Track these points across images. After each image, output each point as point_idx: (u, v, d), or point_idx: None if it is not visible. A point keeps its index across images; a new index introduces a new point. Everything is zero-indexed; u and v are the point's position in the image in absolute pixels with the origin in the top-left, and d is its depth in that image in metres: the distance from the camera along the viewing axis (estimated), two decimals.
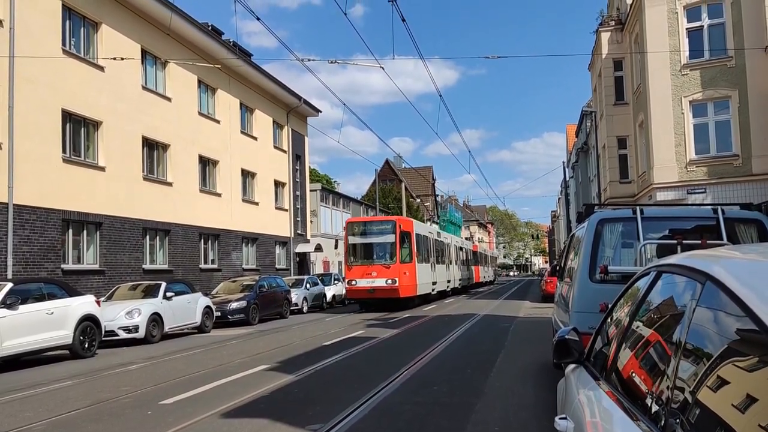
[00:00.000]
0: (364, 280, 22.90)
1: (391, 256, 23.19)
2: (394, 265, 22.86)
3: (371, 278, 22.73)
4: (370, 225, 24.47)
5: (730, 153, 19.02)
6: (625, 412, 1.97)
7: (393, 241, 23.22)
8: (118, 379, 9.70)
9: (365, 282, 22.84)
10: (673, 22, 19.81)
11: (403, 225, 23.93)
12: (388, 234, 23.43)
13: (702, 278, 1.76)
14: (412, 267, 23.72)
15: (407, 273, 23.22)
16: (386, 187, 57.79)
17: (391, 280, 22.57)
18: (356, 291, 23.46)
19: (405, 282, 22.95)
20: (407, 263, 23.40)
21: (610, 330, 2.88)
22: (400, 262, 22.97)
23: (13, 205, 15.32)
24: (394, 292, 22.61)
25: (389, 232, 23.39)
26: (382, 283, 22.59)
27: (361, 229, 24.23)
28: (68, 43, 18.03)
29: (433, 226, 42.50)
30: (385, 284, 22.56)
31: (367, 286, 22.80)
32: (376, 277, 22.67)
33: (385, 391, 7.76)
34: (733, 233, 6.52)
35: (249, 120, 29.29)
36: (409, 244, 23.76)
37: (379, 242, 23.60)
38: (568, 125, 59.56)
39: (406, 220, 25.51)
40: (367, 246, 23.95)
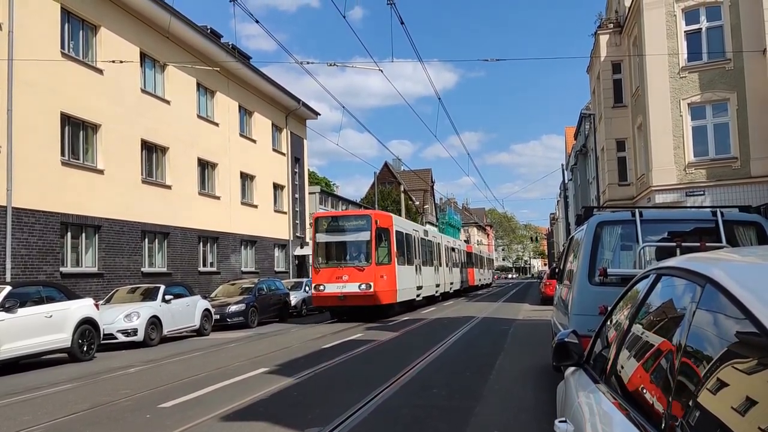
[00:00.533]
0: (333, 284, 19.60)
1: (365, 256, 20.04)
2: (369, 268, 19.65)
3: (342, 283, 19.52)
4: (341, 220, 21.20)
5: (729, 155, 19.04)
6: (624, 415, 1.97)
7: (368, 239, 20.01)
8: (116, 382, 9.68)
9: (335, 287, 19.55)
10: (672, 25, 19.85)
11: (381, 220, 20.66)
12: (362, 231, 20.23)
13: (702, 281, 1.76)
14: (391, 269, 20.59)
15: (385, 276, 20.11)
16: (385, 190, 57.82)
17: (365, 284, 19.40)
18: (324, 298, 20.04)
19: (382, 287, 19.84)
20: (385, 265, 20.33)
21: (609, 333, 2.87)
22: (377, 263, 19.86)
23: (11, 208, 15.31)
24: (368, 299, 19.56)
25: (363, 229, 20.22)
26: (354, 288, 19.42)
27: (331, 225, 20.93)
28: (67, 46, 18.03)
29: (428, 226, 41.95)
30: (358, 290, 19.41)
31: (336, 292, 19.55)
32: (348, 282, 19.49)
33: (384, 394, 7.75)
34: (732, 236, 6.52)
35: (248, 123, 29.30)
36: (387, 242, 20.68)
37: (352, 240, 20.42)
38: (567, 128, 59.62)
39: (383, 214, 22.13)
40: (337, 245, 20.77)
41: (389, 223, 21.18)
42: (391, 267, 20.71)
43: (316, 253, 20.59)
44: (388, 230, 20.86)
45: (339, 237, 20.69)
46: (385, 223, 20.96)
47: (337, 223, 21.00)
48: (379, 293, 19.67)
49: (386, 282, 20.20)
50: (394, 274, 20.85)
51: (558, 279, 9.82)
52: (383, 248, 20.57)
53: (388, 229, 20.88)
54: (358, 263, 19.94)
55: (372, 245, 19.93)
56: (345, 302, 19.69)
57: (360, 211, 25.46)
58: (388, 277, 20.34)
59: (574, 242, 8.49)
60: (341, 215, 22.64)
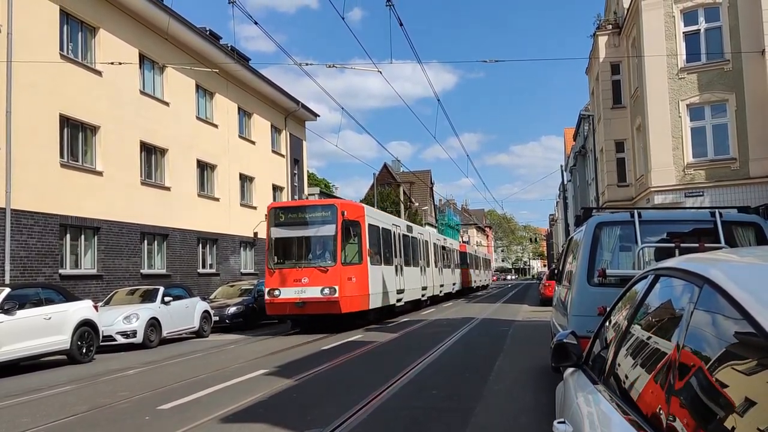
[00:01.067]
0: (290, 289, 16.40)
1: (330, 255, 16.91)
2: (335, 268, 16.52)
3: (301, 286, 16.39)
4: (301, 211, 17.83)
5: (728, 156, 19.06)
6: (623, 415, 1.97)
7: (333, 233, 16.85)
8: (115, 384, 9.67)
9: (292, 292, 16.38)
10: (670, 26, 19.87)
11: (349, 211, 17.43)
12: (325, 224, 17.05)
13: (700, 281, 1.76)
14: (361, 270, 17.45)
15: (354, 279, 16.99)
16: (384, 191, 57.82)
17: (328, 288, 16.23)
18: (279, 305, 16.73)
19: (350, 291, 16.74)
20: (355, 265, 17.23)
21: (608, 333, 2.87)
22: (344, 263, 16.76)
23: (10, 210, 15.30)
24: (332, 306, 16.30)
25: (327, 222, 17.02)
26: (315, 293, 16.28)
27: (289, 217, 17.60)
28: (66, 48, 18.03)
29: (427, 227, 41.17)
30: (320, 295, 16.22)
31: (294, 297, 16.33)
32: (308, 285, 16.35)
33: (384, 396, 7.75)
34: (730, 236, 6.53)
35: (247, 124, 29.30)
36: (358, 238, 17.51)
37: (313, 235, 17.29)
38: (566, 129, 59.67)
39: (353, 204, 19.28)
40: (295, 241, 17.59)
41: (360, 214, 17.97)
42: (362, 267, 17.55)
43: (270, 250, 17.49)
44: (359, 223, 17.58)
45: (298, 231, 17.42)
46: (355, 214, 17.68)
47: (296, 215, 17.65)
48: (346, 299, 16.57)
49: (355, 285, 17.07)
50: (366, 275, 17.68)
51: (557, 280, 9.82)
52: (352, 245, 17.39)
53: (359, 221, 17.62)
54: (320, 263, 16.80)
55: (338, 241, 16.74)
56: (304, 310, 16.49)
57: (323, 201, 20.96)
58: (358, 279, 17.21)
59: (573, 243, 8.49)
60: (300, 205, 19.04)
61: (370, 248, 18.33)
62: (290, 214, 17.75)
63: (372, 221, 18.95)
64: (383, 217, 21.64)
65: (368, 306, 17.85)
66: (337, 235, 16.79)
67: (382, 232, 20.03)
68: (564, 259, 9.30)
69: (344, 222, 16.87)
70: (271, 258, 17.37)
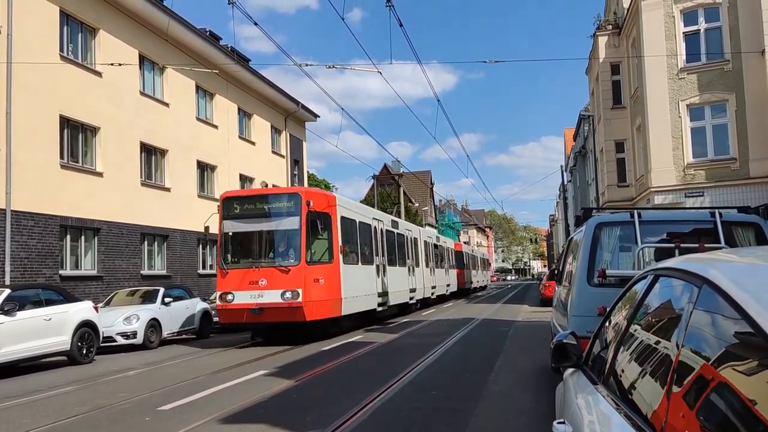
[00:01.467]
0: (245, 293, 14.09)
1: (293, 252, 14.53)
2: (298, 268, 14.11)
3: (258, 290, 14.03)
4: (258, 201, 15.32)
5: (728, 156, 19.06)
6: (623, 416, 1.97)
7: (296, 227, 14.47)
8: (116, 385, 9.67)
9: (248, 297, 14.05)
10: (670, 26, 19.88)
11: (316, 201, 14.87)
12: (287, 215, 14.70)
13: (699, 282, 1.76)
14: (331, 270, 15.14)
15: (322, 280, 14.65)
16: (385, 192, 57.81)
17: (290, 292, 13.88)
18: (233, 312, 14.22)
19: (317, 295, 14.37)
20: (323, 264, 14.94)
21: (608, 334, 2.87)
22: (310, 262, 14.40)
23: (10, 211, 15.30)
24: (295, 313, 13.93)
25: (290, 213, 14.68)
26: (275, 297, 13.92)
27: (245, 208, 15.21)
28: (66, 49, 18.04)
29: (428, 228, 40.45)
30: (280, 300, 13.86)
31: (250, 303, 13.95)
32: (267, 288, 14.00)
33: (384, 396, 7.74)
34: (730, 236, 6.53)
35: (247, 125, 29.30)
36: (328, 232, 15.19)
37: (273, 230, 15.00)
38: (566, 129, 59.70)
39: (321, 193, 16.37)
40: (252, 236, 15.24)
41: (330, 205, 15.58)
42: (333, 267, 15.19)
43: (222, 247, 15.10)
44: (329, 216, 15.29)
45: (255, 224, 15.04)
46: (324, 205, 15.28)
47: (253, 205, 15.18)
48: (312, 304, 14.16)
49: (324, 288, 14.66)
50: (338, 276, 15.32)
51: (557, 280, 9.82)
52: (321, 240, 15.06)
53: (328, 213, 15.31)
54: (281, 262, 14.43)
55: (302, 236, 14.36)
56: (262, 318, 14.05)
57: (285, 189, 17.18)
58: (327, 280, 14.82)
59: (573, 243, 8.50)
60: (258, 193, 16.08)
61: (344, 245, 16.05)
62: (246, 205, 15.19)
63: (346, 213, 16.65)
64: (361, 209, 19.26)
65: (340, 312, 15.37)
66: (302, 228, 14.39)
67: (359, 227, 17.72)
68: (564, 259, 9.30)
69: (310, 214, 14.51)
70: (224, 256, 14.99)
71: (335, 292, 15.19)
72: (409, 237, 24.47)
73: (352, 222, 17.21)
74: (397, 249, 22.22)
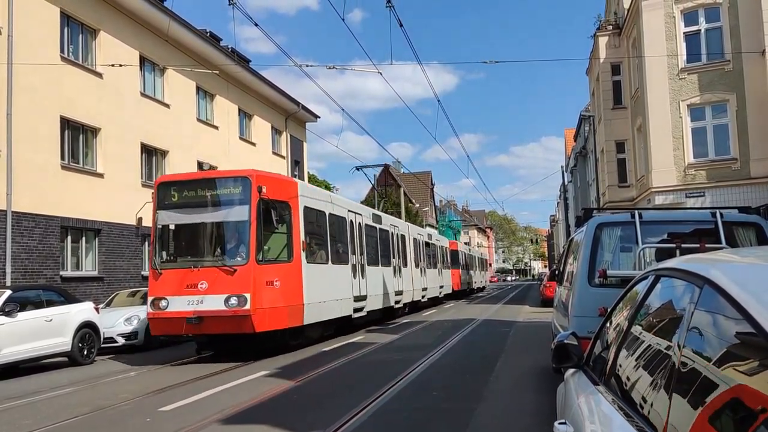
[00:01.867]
0: (182, 298, 11.58)
1: (240, 249, 12.04)
2: (246, 268, 11.61)
3: (197, 294, 11.51)
4: (199, 187, 12.53)
5: (729, 156, 19.06)
6: (624, 416, 1.96)
7: (244, 218, 11.95)
8: (117, 386, 9.67)
9: (184, 303, 11.52)
10: (671, 26, 19.88)
11: (271, 188, 12.29)
12: (233, 204, 12.20)
13: (700, 282, 1.76)
14: (291, 271, 12.60)
15: (278, 283, 12.13)
16: (385, 193, 57.76)
17: (236, 298, 11.36)
18: (167, 322, 11.74)
19: (270, 301, 11.89)
20: (280, 263, 12.45)
21: (609, 334, 2.87)
22: (261, 260, 11.87)
23: (11, 212, 15.30)
24: (242, 324, 11.44)
25: (237, 201, 12.15)
26: (217, 304, 11.36)
27: (182, 195, 12.45)
28: (66, 50, 18.05)
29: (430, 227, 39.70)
30: (223, 307, 11.34)
31: (187, 311, 11.41)
32: (207, 293, 11.48)
33: (385, 397, 7.74)
34: (731, 236, 6.53)
35: (248, 126, 29.31)
36: (287, 225, 12.71)
37: (216, 221, 12.44)
38: (567, 129, 59.71)
39: (280, 179, 13.48)
40: (191, 230, 12.76)
41: (290, 193, 12.99)
42: (293, 267, 12.68)
43: (156, 243, 12.57)
44: (288, 206, 12.77)
45: (196, 215, 12.45)
46: (282, 192, 12.71)
47: (193, 192, 12.45)
48: (264, 312, 11.64)
49: (280, 292, 12.18)
50: (299, 278, 12.80)
51: (558, 281, 9.82)
52: (278, 235, 12.58)
53: (287, 203, 12.78)
54: (226, 261, 11.86)
55: (251, 229, 11.82)
56: (201, 329, 11.64)
57: (232, 171, 13.74)
58: (285, 283, 12.33)
59: (573, 244, 8.50)
60: (200, 178, 13.23)
61: (309, 240, 13.55)
62: (186, 191, 12.46)
63: (312, 204, 14.02)
64: (334, 200, 16.38)
65: (302, 320, 12.81)
66: (251, 219, 11.81)
67: (330, 220, 15.12)
68: (565, 259, 9.30)
69: (263, 202, 11.91)
70: (158, 254, 12.53)
71: (295, 296, 12.60)
72: (395, 234, 22.06)
73: (321, 214, 14.66)
74: (380, 247, 19.86)
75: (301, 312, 12.81)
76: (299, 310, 12.77)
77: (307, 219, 13.56)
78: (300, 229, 13.02)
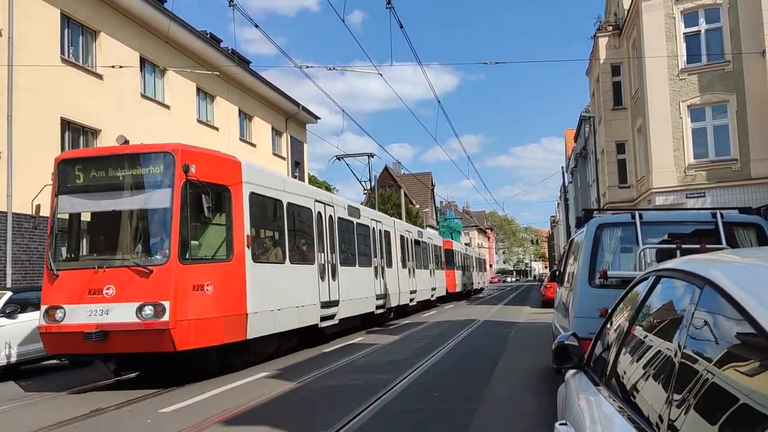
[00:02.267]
0: (83, 307, 9.04)
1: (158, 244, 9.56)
2: (164, 268, 9.13)
3: (103, 302, 9.00)
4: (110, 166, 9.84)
5: (729, 157, 19.06)
6: (625, 417, 1.96)
7: (165, 204, 9.46)
8: (117, 387, 9.66)
9: (85, 313, 9.00)
10: (671, 27, 19.89)
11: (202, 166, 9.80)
12: (150, 187, 9.68)
13: (700, 283, 1.76)
14: (230, 273, 10.06)
15: (210, 287, 9.59)
16: (385, 193, 57.82)
17: (151, 307, 8.92)
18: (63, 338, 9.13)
19: (198, 310, 9.36)
20: (215, 262, 10.01)
21: (609, 335, 2.87)
22: (186, 259, 9.38)
23: (11, 213, 15.31)
24: (158, 340, 8.92)
25: (156, 183, 9.66)
26: (126, 315, 8.90)
27: (88, 176, 9.86)
28: (67, 51, 18.06)
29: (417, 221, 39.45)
30: (135, 318, 8.88)
31: (88, 323, 8.89)
32: (114, 300, 9.00)
33: (386, 398, 7.74)
34: (732, 237, 6.53)
35: (248, 127, 29.32)
36: (225, 215, 10.25)
37: (128, 209, 9.87)
38: (567, 130, 59.70)
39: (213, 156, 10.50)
40: (97, 219, 10.59)
41: (230, 176, 10.33)
42: (233, 267, 10.05)
43: (53, 236, 9.86)
44: (227, 190, 10.16)
45: (104, 201, 9.83)
46: (218, 173, 10.07)
47: (102, 172, 9.78)
48: (188, 325, 9.08)
49: (212, 299, 9.59)
50: (242, 281, 10.16)
51: (558, 281, 9.82)
52: (215, 227, 10.13)
53: (227, 187, 10.17)
54: (139, 259, 9.34)
55: (173, 218, 9.25)
56: (105, 347, 8.99)
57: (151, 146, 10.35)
58: (219, 288, 9.69)
59: (574, 245, 8.50)
60: (108, 154, 10.13)
61: (257, 234, 11.22)
62: (93, 171, 9.78)
63: (262, 190, 11.34)
64: (296, 188, 13.49)
65: (244, 333, 10.17)
66: (174, 206, 9.22)
67: (289, 211, 12.45)
68: (565, 260, 9.30)
69: (191, 185, 9.38)
70: (54, 251, 9.78)
71: (235, 304, 9.99)
72: (377, 229, 19.47)
73: (276, 203, 12.03)
74: (358, 244, 17.35)
75: (243, 323, 10.14)
76: (241, 320, 10.11)
77: (255, 208, 10.94)
78: (244, 221, 10.35)
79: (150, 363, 10.01)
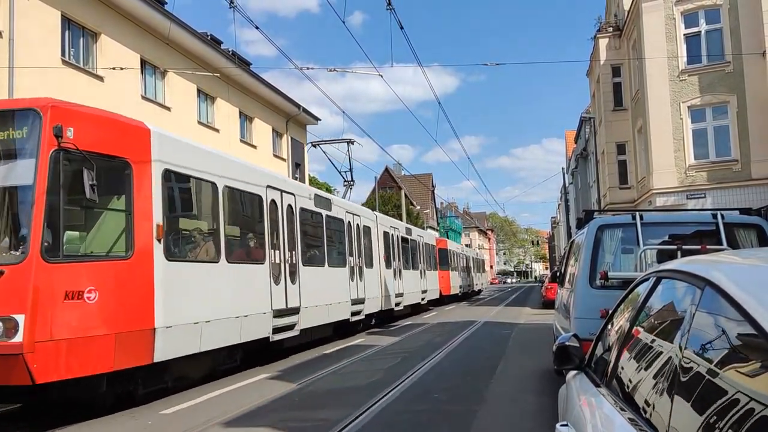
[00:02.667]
0: None
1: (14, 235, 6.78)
2: (20, 268, 6.33)
3: None
4: None
5: (729, 158, 19.06)
6: (625, 418, 1.97)
7: (26, 182, 6.72)
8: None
9: None
10: (671, 28, 19.89)
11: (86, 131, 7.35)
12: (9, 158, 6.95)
13: (701, 283, 1.76)
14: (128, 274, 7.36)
15: (94, 294, 6.81)
16: (386, 195, 57.84)
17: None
18: None
19: (70, 328, 6.57)
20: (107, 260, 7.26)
21: (610, 336, 2.87)
22: (56, 256, 6.63)
23: None
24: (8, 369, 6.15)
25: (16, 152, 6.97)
26: None
27: None
28: (67, 53, 18.08)
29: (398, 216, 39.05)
30: None
31: None
32: None
33: (387, 399, 7.74)
34: (732, 238, 6.53)
35: (248, 129, 29.33)
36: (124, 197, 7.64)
37: None
38: (567, 131, 59.73)
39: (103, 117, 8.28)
40: None
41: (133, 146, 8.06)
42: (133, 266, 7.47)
43: None
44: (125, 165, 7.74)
45: None
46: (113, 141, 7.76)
47: None
48: (51, 349, 6.42)
49: (96, 311, 6.90)
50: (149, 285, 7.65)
51: (559, 282, 9.82)
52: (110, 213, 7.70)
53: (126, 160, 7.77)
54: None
55: (37, 199, 6.63)
56: None
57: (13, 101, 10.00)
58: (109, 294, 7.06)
59: (574, 246, 8.50)
60: None
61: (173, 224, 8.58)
62: None
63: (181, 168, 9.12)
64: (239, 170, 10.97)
65: (151, 356, 7.61)
66: (38, 184, 6.69)
67: (226, 197, 9.99)
68: (566, 261, 9.30)
69: (66, 154, 6.94)
70: None
71: (135, 317, 7.42)
72: (353, 224, 16.82)
73: (207, 186, 9.65)
74: (328, 241, 14.84)
75: (148, 341, 7.56)
76: (144, 338, 7.51)
77: (172, 191, 8.69)
78: (152, 206, 7.89)
79: (12, 397, 7.37)
